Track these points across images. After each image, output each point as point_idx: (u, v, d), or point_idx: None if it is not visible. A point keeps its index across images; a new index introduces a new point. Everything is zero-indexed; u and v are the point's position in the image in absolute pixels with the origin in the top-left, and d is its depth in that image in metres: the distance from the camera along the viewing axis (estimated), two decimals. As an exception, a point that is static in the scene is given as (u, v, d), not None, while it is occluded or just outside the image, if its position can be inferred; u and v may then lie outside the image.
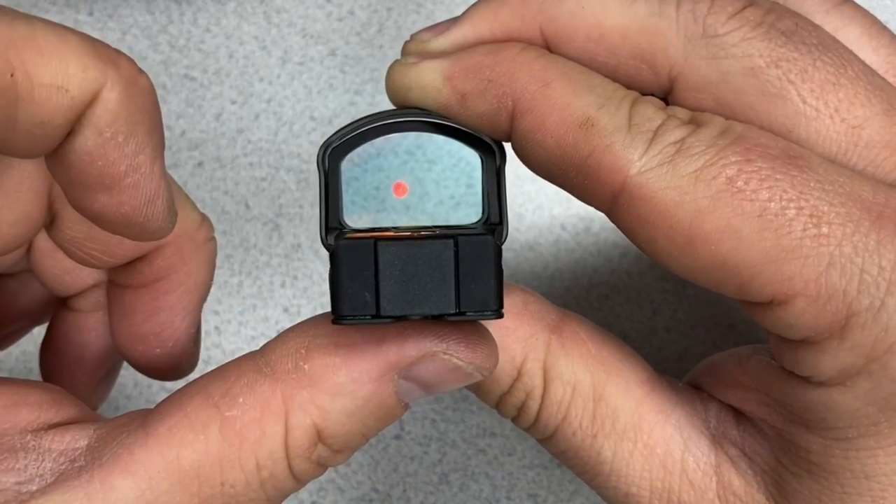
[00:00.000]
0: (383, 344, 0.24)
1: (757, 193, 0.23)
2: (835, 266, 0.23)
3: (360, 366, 0.24)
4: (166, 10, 0.46)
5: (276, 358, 0.25)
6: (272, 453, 0.24)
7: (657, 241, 0.24)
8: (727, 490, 0.27)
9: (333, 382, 0.24)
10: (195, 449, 0.24)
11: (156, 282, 0.30)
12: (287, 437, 0.24)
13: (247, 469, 0.24)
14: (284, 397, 0.24)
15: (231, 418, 0.24)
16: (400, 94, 0.28)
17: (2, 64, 0.20)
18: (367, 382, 0.24)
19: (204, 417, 0.24)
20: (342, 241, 0.23)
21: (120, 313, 0.32)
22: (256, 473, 0.24)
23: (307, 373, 0.24)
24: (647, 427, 0.28)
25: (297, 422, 0.24)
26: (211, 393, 0.25)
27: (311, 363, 0.24)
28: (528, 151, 0.26)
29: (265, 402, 0.24)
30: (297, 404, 0.24)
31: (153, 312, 0.31)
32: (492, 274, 0.23)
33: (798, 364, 0.25)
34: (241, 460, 0.24)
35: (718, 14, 0.26)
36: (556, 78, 0.26)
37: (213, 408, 0.24)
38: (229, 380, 0.25)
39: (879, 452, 0.25)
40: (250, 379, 0.25)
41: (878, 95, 0.26)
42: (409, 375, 0.25)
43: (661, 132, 0.25)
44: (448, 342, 0.25)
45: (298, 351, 0.25)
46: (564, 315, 0.29)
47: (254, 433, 0.24)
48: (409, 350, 0.24)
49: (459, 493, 0.42)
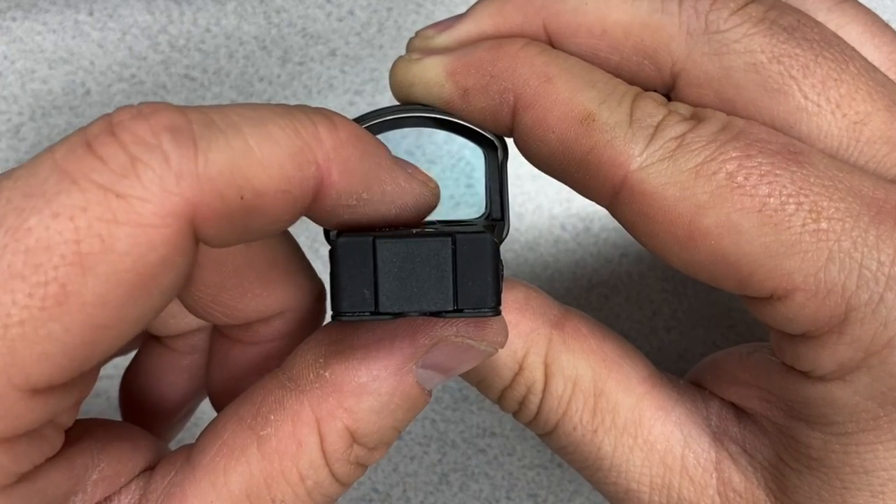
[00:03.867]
0: (396, 338, 0.25)
1: (757, 189, 0.23)
2: (834, 261, 0.23)
3: (379, 363, 0.25)
4: (166, 10, 0.46)
5: (298, 371, 0.25)
6: (312, 462, 0.25)
7: (658, 235, 0.25)
8: (727, 486, 0.27)
9: (356, 384, 0.25)
10: (240, 472, 0.24)
11: (268, 342, 0.30)
12: (323, 444, 0.25)
13: (292, 481, 0.25)
14: (313, 407, 0.25)
15: (266, 437, 0.25)
16: (403, 90, 0.28)
17: (232, 191, 0.21)
18: (388, 377, 0.25)
19: (241, 441, 0.25)
20: (341, 238, 0.23)
21: (223, 364, 0.31)
22: (301, 484, 0.25)
23: (329, 380, 0.25)
24: (648, 423, 0.28)
25: (330, 428, 0.25)
26: (242, 416, 0.25)
27: (331, 370, 0.25)
28: (530, 146, 0.26)
29: (295, 415, 0.25)
30: (326, 411, 0.25)
31: (256, 371, 0.30)
32: (489, 272, 0.23)
33: (798, 359, 0.25)
34: (285, 474, 0.25)
35: (721, 10, 0.26)
36: (558, 73, 0.26)
37: (248, 430, 0.25)
38: (257, 401, 0.25)
39: (879, 447, 0.25)
40: (277, 396, 0.25)
41: (879, 92, 0.26)
42: (427, 363, 0.25)
43: (661, 127, 0.25)
44: (457, 325, 0.25)
45: (317, 361, 0.25)
46: (566, 311, 0.29)
47: (291, 446, 0.25)
48: (421, 339, 0.25)
49: (459, 493, 0.42)
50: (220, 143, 0.21)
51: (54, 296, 0.19)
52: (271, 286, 0.28)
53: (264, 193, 0.21)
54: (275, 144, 0.21)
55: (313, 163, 0.22)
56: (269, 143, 0.21)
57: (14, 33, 0.45)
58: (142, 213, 0.20)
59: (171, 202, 0.20)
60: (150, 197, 0.20)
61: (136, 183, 0.20)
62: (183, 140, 0.20)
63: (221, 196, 0.21)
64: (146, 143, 0.20)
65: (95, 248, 0.20)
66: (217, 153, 0.20)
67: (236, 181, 0.21)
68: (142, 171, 0.20)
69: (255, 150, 0.21)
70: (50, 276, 0.19)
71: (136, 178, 0.20)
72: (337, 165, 0.22)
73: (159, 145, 0.20)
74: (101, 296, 0.20)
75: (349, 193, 0.23)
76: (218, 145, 0.21)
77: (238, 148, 0.21)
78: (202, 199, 0.20)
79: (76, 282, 0.20)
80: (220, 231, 0.21)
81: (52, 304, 0.20)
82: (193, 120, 0.21)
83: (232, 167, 0.21)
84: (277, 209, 0.22)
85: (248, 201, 0.21)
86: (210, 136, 0.21)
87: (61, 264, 0.19)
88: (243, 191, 0.21)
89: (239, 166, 0.21)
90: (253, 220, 0.22)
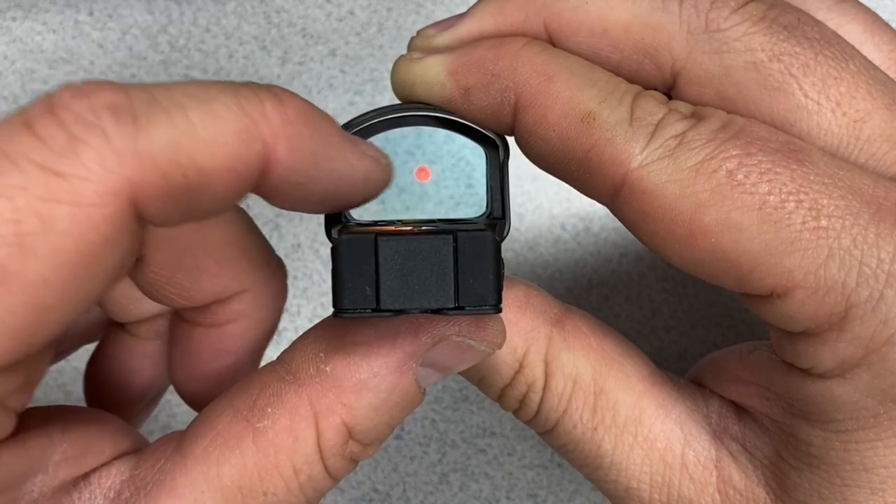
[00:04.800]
0: (398, 336, 0.25)
1: (757, 186, 0.23)
2: (834, 258, 0.23)
3: (380, 360, 0.25)
4: (166, 10, 0.46)
5: (297, 365, 0.25)
6: (307, 457, 0.25)
7: (658, 234, 0.25)
8: (727, 484, 0.28)
9: (356, 380, 0.25)
10: (233, 464, 0.24)
11: (227, 324, 0.30)
12: (319, 438, 0.25)
13: (285, 475, 0.25)
14: (311, 401, 0.25)
15: (262, 429, 0.25)
16: (405, 89, 0.28)
17: (174, 169, 0.20)
18: (388, 375, 0.25)
19: (236, 432, 0.25)
20: (343, 236, 0.23)
21: (183, 349, 0.31)
22: (295, 478, 0.25)
23: (329, 375, 0.25)
24: (648, 421, 0.28)
25: (328, 423, 0.25)
26: (238, 407, 0.25)
27: (331, 365, 0.25)
28: (530, 145, 0.26)
29: (293, 408, 0.25)
30: (324, 406, 0.25)
31: (218, 354, 0.30)
32: (490, 269, 0.23)
33: (798, 356, 0.25)
34: (279, 468, 0.25)
35: (721, 9, 0.26)
36: (559, 72, 0.26)
37: (244, 421, 0.25)
38: (254, 392, 0.25)
39: (878, 444, 0.25)
40: (275, 389, 0.25)
41: (879, 90, 0.26)
42: (426, 362, 0.25)
43: (662, 126, 0.25)
44: (459, 324, 0.25)
45: (317, 355, 0.25)
46: (567, 309, 0.29)
47: (287, 440, 0.25)
48: (423, 338, 0.25)
49: (459, 493, 0.42)
50: (161, 120, 0.20)
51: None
52: (227, 265, 0.28)
53: (208, 171, 0.21)
54: (219, 121, 0.21)
55: (259, 139, 0.22)
56: (214, 119, 0.21)
57: (14, 33, 0.46)
58: (82, 193, 0.19)
59: (112, 181, 0.20)
60: (90, 176, 0.19)
61: (75, 162, 0.19)
62: (123, 118, 0.20)
63: (163, 174, 0.20)
64: (86, 122, 0.20)
65: (36, 228, 0.19)
66: (158, 131, 0.20)
67: (178, 159, 0.20)
68: (81, 149, 0.20)
69: (199, 127, 0.21)
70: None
71: (76, 156, 0.19)
72: (284, 142, 0.22)
73: (99, 123, 0.20)
74: (42, 276, 0.20)
75: (297, 171, 0.22)
76: (159, 123, 0.20)
77: (180, 125, 0.20)
78: (143, 177, 0.20)
79: (17, 262, 0.19)
80: (164, 210, 0.21)
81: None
82: (135, 98, 0.20)
83: (174, 145, 0.20)
84: (222, 187, 0.21)
85: (191, 179, 0.21)
86: (151, 113, 0.20)
87: (1, 245, 0.19)
88: (186, 169, 0.20)
89: (181, 144, 0.20)
90: (198, 199, 0.21)
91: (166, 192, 0.20)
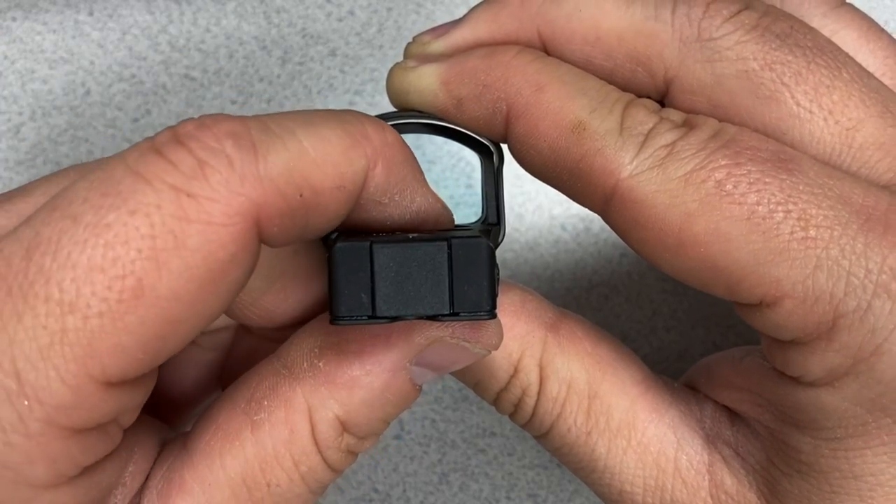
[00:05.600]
0: (392, 335, 0.25)
1: (745, 197, 0.23)
2: (822, 268, 0.23)
3: (373, 358, 0.25)
4: (166, 10, 0.46)
5: (292, 359, 0.26)
6: (304, 448, 0.25)
7: (648, 242, 0.25)
8: (719, 489, 0.28)
9: (349, 377, 0.25)
10: (234, 456, 0.25)
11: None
12: (314, 431, 0.25)
13: (286, 466, 0.25)
14: (305, 395, 0.25)
15: (259, 422, 0.25)
16: (399, 98, 0.28)
17: (292, 189, 0.22)
18: (382, 373, 0.25)
19: (235, 425, 0.25)
20: (339, 244, 0.23)
21: (245, 362, 0.31)
22: (296, 469, 0.25)
23: (323, 370, 0.25)
24: (642, 425, 0.28)
25: (321, 416, 0.25)
26: (237, 401, 0.26)
27: (325, 360, 0.25)
28: (523, 154, 0.26)
29: (288, 402, 0.25)
30: (317, 400, 0.25)
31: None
32: (485, 276, 0.23)
33: (788, 364, 0.25)
34: (279, 459, 0.25)
35: (713, 18, 0.26)
36: (550, 82, 0.26)
37: (242, 414, 0.25)
38: (251, 386, 0.26)
39: (867, 452, 0.25)
40: (271, 382, 0.26)
41: (872, 98, 0.26)
42: (420, 361, 0.26)
43: (652, 135, 0.25)
44: (453, 326, 0.25)
45: (312, 350, 0.26)
46: (562, 314, 0.29)
47: (283, 432, 0.25)
48: (417, 339, 0.25)
49: (459, 493, 0.42)
50: (277, 146, 0.22)
51: (132, 289, 0.20)
52: (311, 292, 0.29)
53: (321, 190, 0.22)
54: (328, 144, 0.23)
55: (364, 156, 0.23)
56: (322, 142, 0.23)
57: (14, 33, 0.46)
58: (211, 212, 0.21)
59: (238, 202, 0.21)
60: (218, 197, 0.21)
61: (204, 184, 0.21)
62: (244, 145, 0.21)
63: (282, 195, 0.22)
64: (211, 149, 0.21)
65: (169, 244, 0.20)
66: (275, 155, 0.22)
67: (295, 180, 0.22)
68: (209, 173, 0.21)
69: (310, 150, 0.22)
70: (128, 270, 0.20)
71: (205, 179, 0.21)
72: (382, 160, 0.24)
73: (223, 150, 0.21)
74: (174, 290, 0.21)
75: (385, 190, 0.24)
76: (276, 148, 0.22)
77: (294, 149, 0.22)
78: (265, 198, 0.21)
79: (152, 276, 0.20)
80: (282, 229, 0.22)
81: (129, 297, 0.20)
82: (252, 127, 0.22)
83: (290, 167, 0.22)
84: (333, 205, 0.23)
85: (306, 199, 0.22)
86: (268, 140, 0.22)
87: (138, 258, 0.20)
88: (302, 189, 0.22)
89: (296, 166, 0.22)
90: (311, 217, 0.23)
91: (285, 212, 0.22)
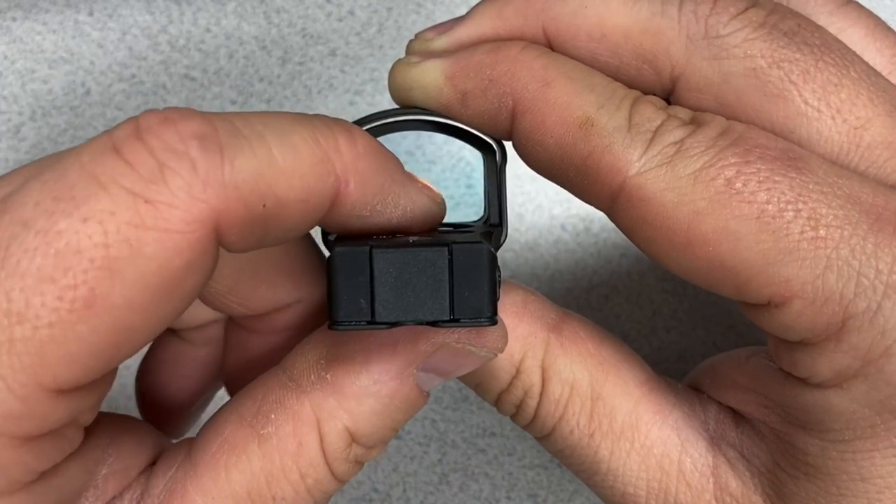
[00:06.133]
0: (398, 343, 0.25)
1: (755, 195, 0.23)
2: (832, 269, 0.23)
3: (380, 367, 0.25)
4: (166, 10, 0.46)
5: (299, 371, 0.26)
6: (312, 461, 0.25)
7: (655, 241, 0.24)
8: (724, 491, 0.27)
9: (357, 386, 0.25)
10: (241, 470, 0.25)
11: (283, 332, 0.30)
12: (323, 443, 0.25)
13: (292, 480, 0.25)
14: (313, 407, 0.25)
15: (267, 435, 0.25)
16: (402, 94, 0.28)
17: (255, 198, 0.21)
18: (389, 381, 0.25)
19: (242, 439, 0.25)
20: (338, 249, 0.23)
21: (238, 355, 0.31)
22: (302, 482, 0.25)
23: (330, 381, 0.25)
24: (645, 427, 0.28)
25: (330, 428, 0.25)
26: (243, 414, 0.25)
27: (332, 372, 0.25)
28: (528, 151, 0.26)
29: (296, 414, 0.25)
30: (326, 412, 0.25)
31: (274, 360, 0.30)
32: (485, 282, 0.23)
33: (795, 365, 0.25)
34: (286, 473, 0.25)
35: (721, 15, 0.26)
36: (557, 77, 0.26)
37: (249, 428, 0.25)
38: (258, 399, 0.26)
39: (875, 454, 0.25)
40: (278, 395, 0.25)
41: (880, 96, 0.26)
42: (427, 367, 0.25)
43: (660, 132, 0.25)
44: (458, 332, 0.25)
45: (318, 362, 0.25)
46: (564, 315, 0.29)
47: (291, 445, 0.25)
48: (423, 346, 0.25)
49: (459, 493, 0.42)
50: (245, 151, 0.21)
51: (83, 299, 0.20)
52: (285, 275, 0.28)
53: (285, 202, 0.22)
54: (297, 154, 0.22)
55: (332, 174, 0.22)
56: (292, 152, 0.22)
57: (14, 33, 0.45)
58: (169, 219, 0.20)
59: (198, 209, 0.20)
60: (177, 203, 0.20)
61: (164, 189, 0.20)
62: (210, 147, 0.21)
63: (245, 203, 0.21)
64: (174, 150, 0.20)
65: (124, 253, 0.20)
66: (242, 161, 0.21)
67: (260, 189, 0.21)
68: (170, 177, 0.20)
69: (279, 159, 0.21)
70: (79, 280, 0.20)
71: (165, 184, 0.20)
72: (354, 177, 0.23)
73: (187, 152, 0.20)
74: (128, 299, 0.20)
75: (363, 205, 0.23)
76: (243, 153, 0.21)
77: (262, 156, 0.21)
78: (227, 206, 0.21)
79: (105, 285, 0.20)
80: (241, 237, 0.21)
81: (80, 307, 0.20)
82: (219, 128, 0.21)
83: (256, 175, 0.21)
84: (296, 218, 0.22)
85: (269, 209, 0.21)
86: (236, 144, 0.21)
87: (90, 268, 0.20)
88: (266, 199, 0.21)
89: (263, 175, 0.21)
90: (272, 228, 0.22)
91: (246, 221, 0.21)
